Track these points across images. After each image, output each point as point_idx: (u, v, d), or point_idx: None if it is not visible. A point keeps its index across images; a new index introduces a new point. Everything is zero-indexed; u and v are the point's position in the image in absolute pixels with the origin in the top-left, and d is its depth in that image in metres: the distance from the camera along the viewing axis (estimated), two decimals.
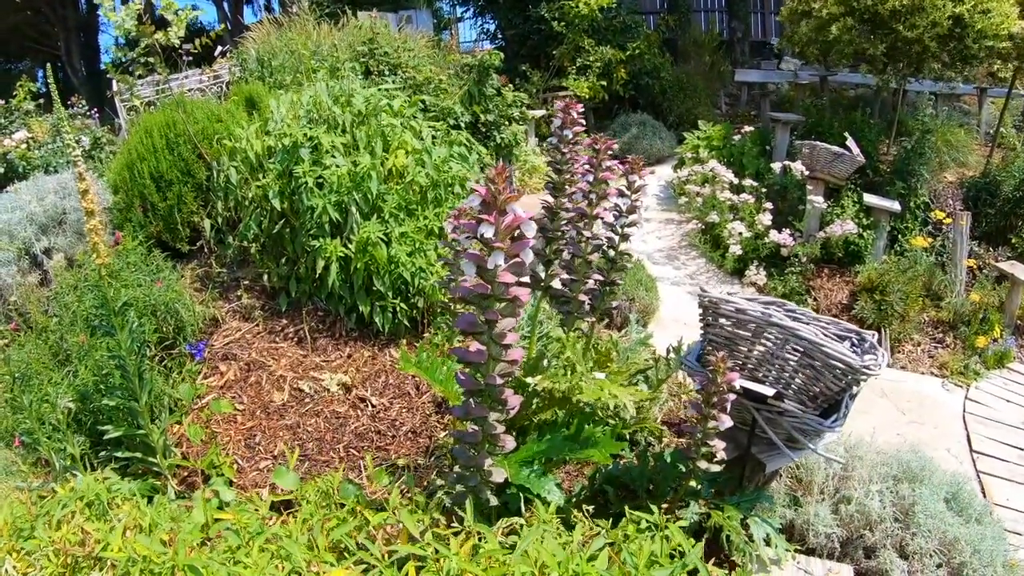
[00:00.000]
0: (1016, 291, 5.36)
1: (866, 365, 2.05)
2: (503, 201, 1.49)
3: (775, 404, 2.15)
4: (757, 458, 2.36)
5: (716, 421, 1.91)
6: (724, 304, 2.18)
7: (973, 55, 6.03)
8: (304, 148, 3.66)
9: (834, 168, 5.98)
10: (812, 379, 2.16)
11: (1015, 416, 4.60)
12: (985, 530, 2.55)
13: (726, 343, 2.27)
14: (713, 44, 10.71)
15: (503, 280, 1.52)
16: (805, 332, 2.08)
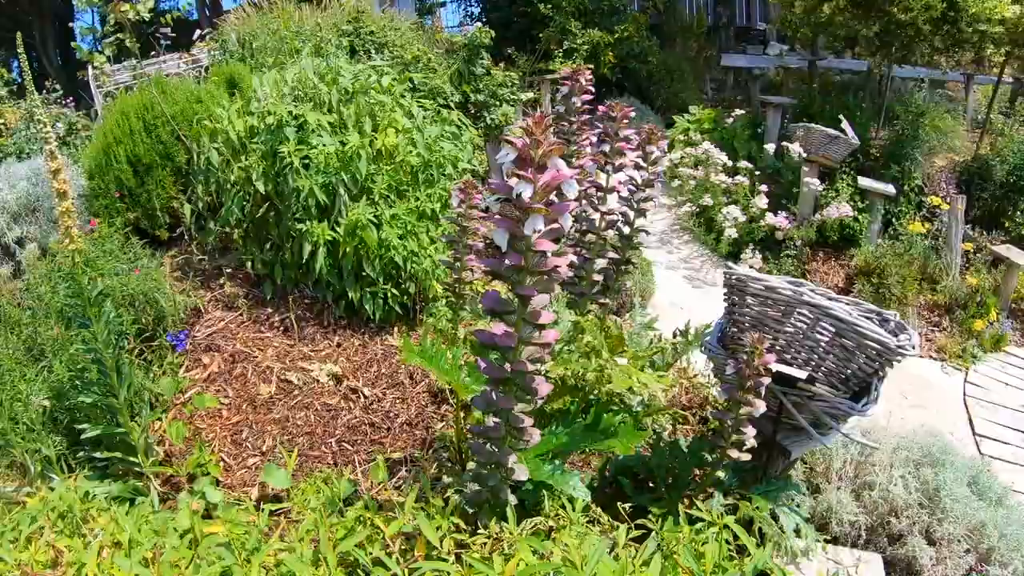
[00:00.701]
0: (1012, 274, 5.31)
1: (901, 345, 1.92)
2: (543, 155, 1.30)
3: (805, 388, 2.02)
4: (781, 445, 2.23)
5: (750, 407, 1.77)
6: (753, 282, 2.04)
7: (966, 39, 5.97)
8: (289, 127, 3.46)
9: (829, 151, 5.89)
10: (844, 361, 2.03)
11: (1015, 399, 4.56)
12: (1010, 514, 2.45)
13: (753, 324, 2.13)
14: (700, 29, 10.59)
15: (541, 248, 1.33)
16: (839, 311, 1.94)
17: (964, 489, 2.42)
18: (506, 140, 1.32)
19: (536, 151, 1.29)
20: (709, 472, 2.01)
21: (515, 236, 1.35)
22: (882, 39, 6.15)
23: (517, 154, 1.32)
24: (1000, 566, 2.30)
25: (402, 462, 3.01)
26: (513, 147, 1.33)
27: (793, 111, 7.50)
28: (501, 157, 1.31)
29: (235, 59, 4.77)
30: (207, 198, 3.77)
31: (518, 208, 1.32)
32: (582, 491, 1.62)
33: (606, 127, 2.02)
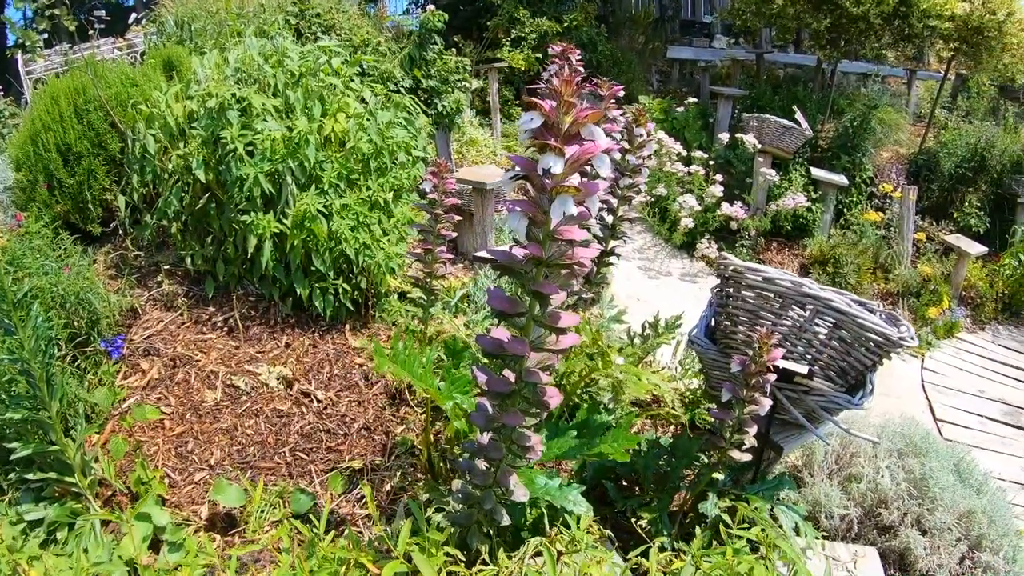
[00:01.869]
0: (962, 263, 5.43)
1: (902, 337, 1.84)
2: (575, 122, 1.10)
3: (802, 382, 1.91)
4: (773, 441, 2.13)
5: (756, 405, 1.65)
6: (751, 273, 1.92)
7: (916, 34, 6.07)
8: (232, 111, 3.20)
9: (783, 141, 5.90)
10: (842, 353, 1.93)
11: (970, 384, 4.64)
12: (996, 499, 2.42)
13: (749, 317, 2.01)
14: (647, 21, 10.58)
15: (568, 237, 1.13)
16: (840, 303, 1.85)
17: (951, 477, 2.38)
18: (531, 101, 1.10)
19: (565, 117, 1.09)
20: (705, 473, 1.89)
21: (534, 222, 1.15)
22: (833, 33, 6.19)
23: (544, 118, 1.11)
24: (991, 552, 2.27)
25: (362, 471, 2.81)
26: (540, 111, 1.11)
27: (743, 102, 7.53)
28: (524, 123, 1.11)
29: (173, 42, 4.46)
30: (143, 189, 3.48)
31: (538, 188, 1.12)
32: (583, 506, 1.47)
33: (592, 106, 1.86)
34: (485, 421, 1.30)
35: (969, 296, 5.79)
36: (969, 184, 6.73)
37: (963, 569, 2.27)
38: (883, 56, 6.87)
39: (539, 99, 1.10)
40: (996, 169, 6.75)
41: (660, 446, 2.25)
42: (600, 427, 1.82)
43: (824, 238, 5.74)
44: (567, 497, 1.48)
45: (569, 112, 1.10)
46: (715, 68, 9.51)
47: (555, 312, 1.21)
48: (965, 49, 6.79)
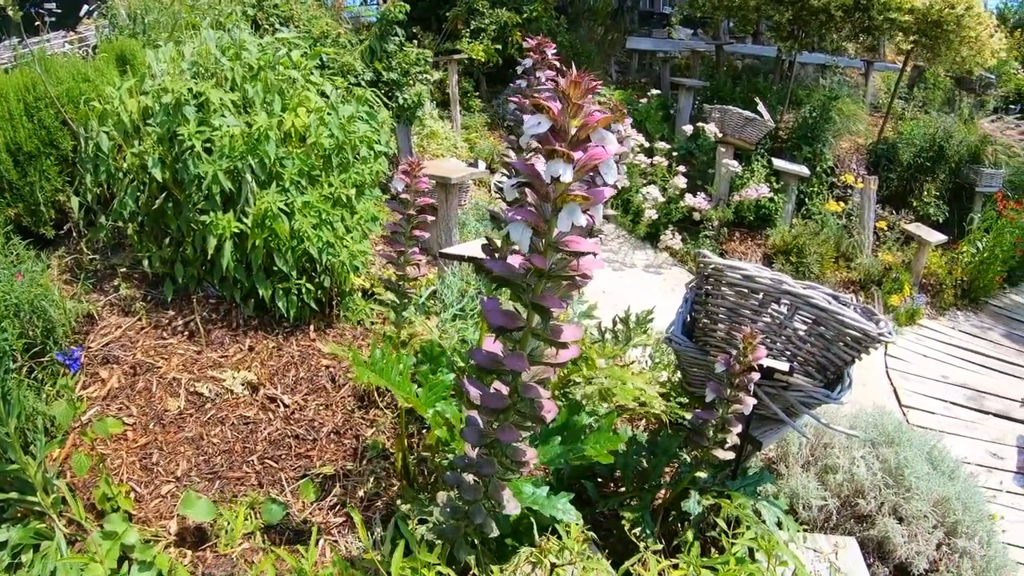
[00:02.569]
0: (923, 251, 5.56)
1: (882, 332, 1.86)
2: (584, 126, 1.06)
3: (782, 379, 1.92)
4: (752, 436, 2.14)
5: (740, 404, 1.65)
6: (731, 271, 1.92)
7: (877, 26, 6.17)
8: (189, 106, 3.09)
9: (745, 132, 5.96)
10: (822, 349, 1.95)
11: (933, 370, 4.76)
12: (968, 486, 2.48)
13: (728, 314, 2.01)
14: (607, 11, 10.60)
15: (574, 248, 1.10)
16: (819, 299, 1.86)
17: (925, 465, 2.43)
18: (537, 104, 1.05)
19: (573, 120, 1.05)
20: (687, 472, 1.89)
21: (536, 231, 1.10)
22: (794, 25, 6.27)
23: (552, 123, 1.06)
24: (967, 538, 2.33)
25: (334, 477, 2.75)
26: (548, 114, 1.06)
27: (704, 94, 7.59)
28: (531, 127, 1.06)
29: (125, 35, 4.30)
30: (97, 189, 3.34)
31: (542, 196, 1.08)
32: (573, 514, 1.45)
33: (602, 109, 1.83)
34: (478, 437, 1.25)
35: (929, 283, 5.96)
36: (928, 174, 6.92)
37: (940, 555, 2.33)
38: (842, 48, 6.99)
39: (546, 101, 1.05)
40: (954, 159, 6.96)
41: (639, 444, 2.24)
42: (582, 429, 1.80)
43: (787, 228, 5.83)
44: (556, 506, 1.45)
45: (577, 115, 1.06)
46: (674, 59, 9.58)
47: (557, 326, 1.16)
48: (924, 42, 6.95)
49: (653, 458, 2.15)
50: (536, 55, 1.91)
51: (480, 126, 7.96)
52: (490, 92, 8.76)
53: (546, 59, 1.91)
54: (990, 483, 3.67)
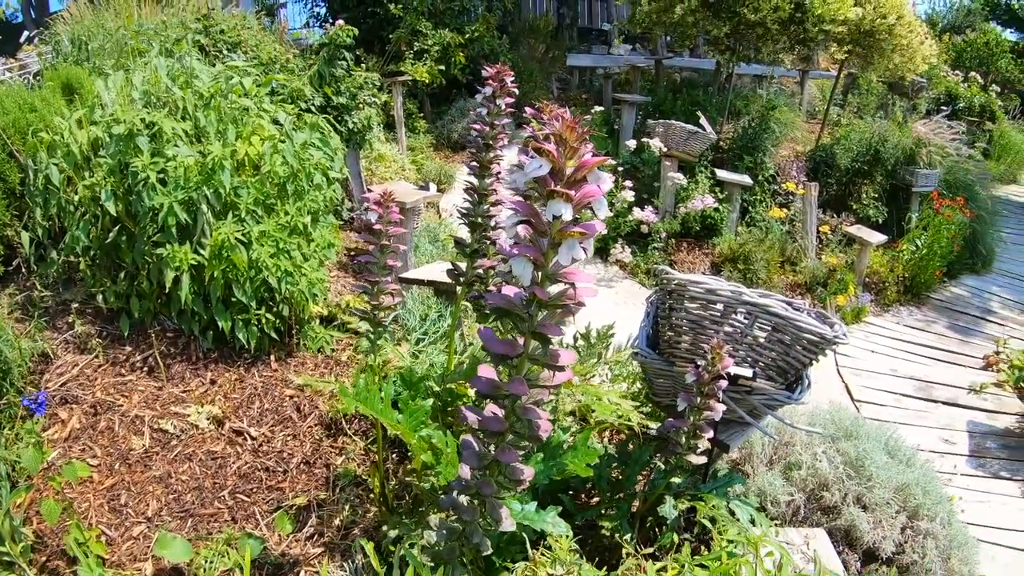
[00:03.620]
0: (865, 252, 5.84)
1: (837, 335, 1.99)
2: (580, 168, 1.14)
3: (745, 383, 2.03)
4: (719, 440, 2.24)
5: (710, 411, 1.75)
6: (693, 286, 2.03)
7: (811, 38, 6.47)
8: (142, 136, 3.09)
9: (688, 145, 6.17)
10: (781, 354, 2.07)
11: (882, 364, 5.01)
12: (926, 471, 2.64)
13: (692, 327, 2.12)
14: (547, 29, 10.82)
15: (571, 280, 1.18)
16: (777, 307, 1.98)
17: (883, 455, 2.58)
18: (539, 148, 1.13)
19: (570, 162, 1.13)
20: (662, 479, 1.98)
21: (537, 265, 1.18)
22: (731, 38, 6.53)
23: (552, 165, 1.15)
24: (928, 520, 2.49)
25: (308, 507, 2.76)
26: (549, 158, 1.15)
27: (646, 108, 7.82)
28: (532, 170, 1.13)
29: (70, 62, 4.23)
30: (47, 223, 3.29)
31: (539, 231, 1.15)
32: (563, 527, 1.52)
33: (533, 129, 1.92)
34: (477, 460, 1.31)
35: (872, 282, 6.24)
36: (866, 177, 7.26)
37: (905, 538, 2.48)
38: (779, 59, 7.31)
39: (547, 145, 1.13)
40: (890, 162, 7.31)
41: (612, 456, 2.33)
42: (560, 445, 1.87)
43: (733, 236, 6.05)
44: (546, 520, 1.52)
45: (573, 157, 1.14)
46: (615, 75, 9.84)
47: (555, 351, 1.24)
48: (858, 51, 7.31)
49: (626, 468, 2.24)
50: (496, 83, 2.00)
51: (426, 147, 8.03)
52: (434, 113, 8.85)
53: (505, 87, 2.00)
54: (944, 467, 3.90)
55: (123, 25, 4.43)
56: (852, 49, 7.45)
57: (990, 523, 3.49)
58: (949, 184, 7.41)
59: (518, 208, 1.18)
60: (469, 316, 3.11)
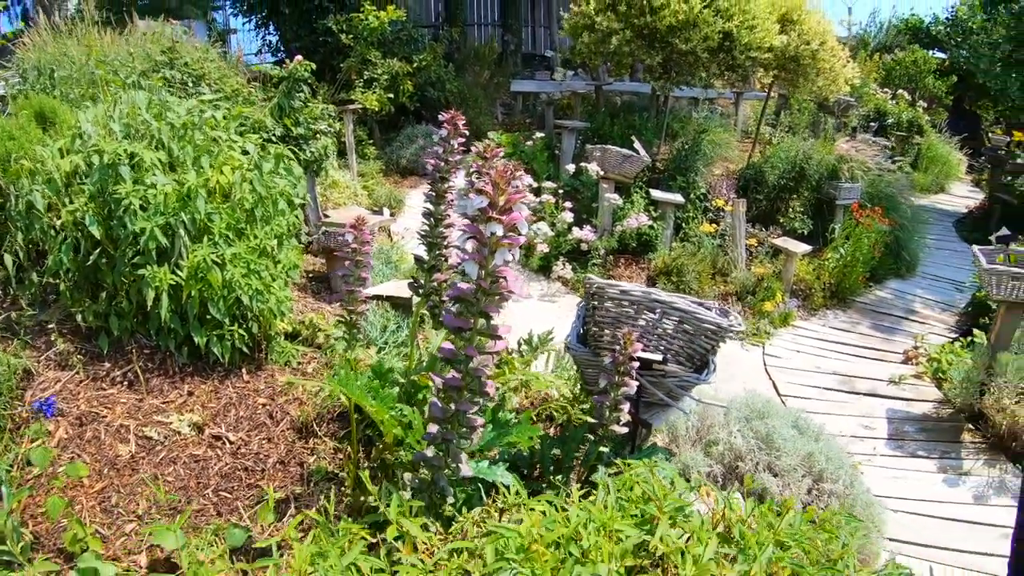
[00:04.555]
0: (791, 262, 6.43)
1: (732, 325, 2.47)
2: (508, 201, 1.63)
3: (660, 368, 2.50)
4: (643, 419, 2.70)
5: (626, 387, 2.20)
6: (610, 288, 2.50)
7: (739, 64, 7.11)
8: (124, 166, 3.44)
9: (624, 168, 6.72)
10: (688, 342, 2.54)
11: (807, 362, 5.57)
12: (830, 443, 3.15)
13: (612, 322, 2.59)
14: (492, 57, 11.37)
15: (503, 275, 1.67)
16: (681, 303, 2.45)
17: (790, 431, 3.08)
18: (479, 190, 1.62)
19: (501, 197, 1.61)
20: (593, 449, 2.42)
21: (482, 266, 1.67)
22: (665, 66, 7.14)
23: (489, 200, 1.63)
24: (831, 482, 2.98)
25: (287, 500, 3.12)
26: (487, 195, 1.64)
27: (586, 133, 8.38)
28: (475, 203, 1.61)
29: (36, 90, 4.51)
30: (28, 247, 3.59)
31: (482, 243, 1.63)
32: (509, 479, 1.94)
33: (478, 165, 2.37)
34: (442, 413, 1.76)
35: (800, 289, 6.84)
36: (792, 192, 7.91)
37: (812, 498, 2.95)
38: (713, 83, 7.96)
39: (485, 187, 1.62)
40: (815, 177, 7.96)
41: (552, 438, 2.77)
42: (507, 422, 2.30)
43: (667, 251, 6.60)
44: (496, 473, 1.94)
45: (504, 194, 1.61)
46: (557, 100, 10.42)
47: (495, 325, 1.71)
48: (784, 75, 8.01)
49: (564, 447, 2.67)
50: (450, 126, 2.45)
51: (376, 173, 8.43)
52: (383, 139, 9.27)
53: (458, 128, 2.44)
54: (864, 449, 4.44)
55: (91, 55, 4.71)
56: (778, 74, 8.16)
57: (905, 496, 3.98)
58: (872, 196, 8.01)
59: (467, 229, 1.67)
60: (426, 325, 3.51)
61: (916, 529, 3.66)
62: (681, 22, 6.71)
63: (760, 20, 7.18)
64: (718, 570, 1.18)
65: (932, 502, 3.96)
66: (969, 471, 4.31)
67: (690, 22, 6.75)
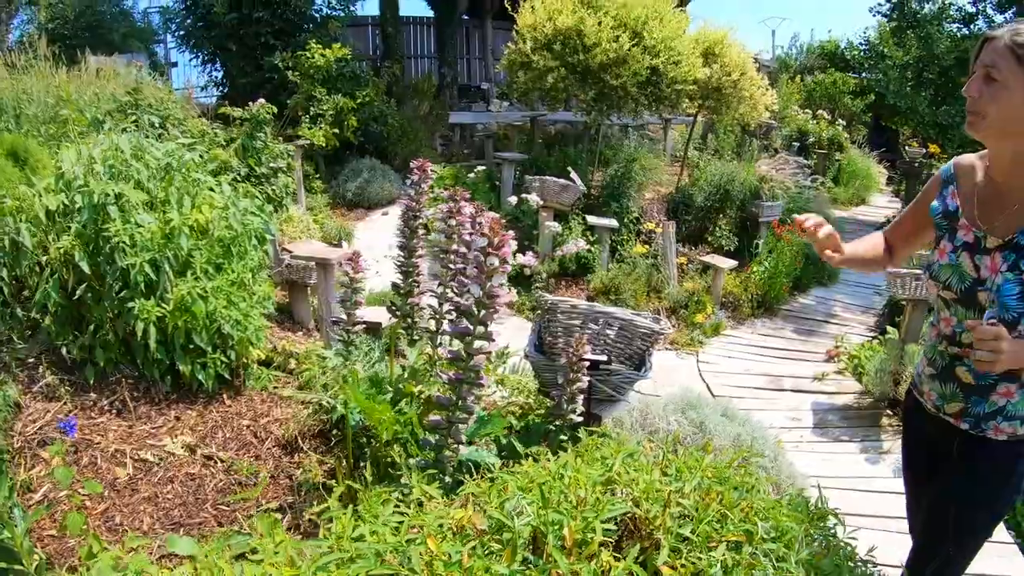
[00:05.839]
0: (719, 276, 7.13)
1: (662, 328, 3.03)
2: (501, 240, 2.17)
3: (605, 368, 3.03)
4: (594, 413, 3.23)
5: (579, 382, 2.73)
6: (561, 303, 3.04)
7: (666, 97, 7.85)
8: (112, 205, 3.74)
9: (562, 197, 7.35)
10: (627, 345, 3.09)
11: (738, 366, 6.23)
12: (755, 426, 3.74)
13: (563, 332, 3.12)
14: (431, 90, 11.93)
15: (497, 294, 2.19)
16: (620, 313, 3.00)
17: (720, 418, 3.65)
18: (483, 234, 2.16)
19: (496, 238, 2.14)
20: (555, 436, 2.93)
21: (483, 287, 2.19)
22: (597, 100, 7.82)
23: (487, 240, 2.17)
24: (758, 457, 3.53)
25: (281, 509, 3.47)
26: (487, 236, 2.18)
27: (524, 164, 9.00)
28: (479, 243, 2.16)
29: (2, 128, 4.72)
30: (13, 282, 3.82)
31: (480, 270, 2.16)
32: (495, 459, 2.44)
33: (450, 206, 2.89)
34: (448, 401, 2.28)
35: (729, 300, 7.52)
36: (718, 212, 8.67)
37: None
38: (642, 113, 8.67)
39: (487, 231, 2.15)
40: (739, 198, 8.71)
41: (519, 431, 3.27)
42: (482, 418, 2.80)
43: (604, 272, 7.20)
44: (483, 455, 2.43)
45: (497, 235, 2.14)
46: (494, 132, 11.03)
47: (491, 331, 2.23)
48: (708, 104, 8.80)
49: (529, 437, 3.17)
50: (419, 172, 2.96)
51: (323, 206, 8.77)
52: (328, 173, 9.64)
53: (426, 174, 2.96)
54: (793, 438, 5.00)
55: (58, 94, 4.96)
56: (703, 103, 8.96)
57: (832, 475, 4.51)
58: (793, 212, 8.68)
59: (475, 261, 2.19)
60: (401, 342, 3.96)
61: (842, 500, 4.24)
62: (612, 59, 7.40)
63: (685, 55, 7.95)
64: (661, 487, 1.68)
65: (856, 478, 4.53)
66: (889, 450, 4.90)
67: (620, 59, 7.44)
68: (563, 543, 1.51)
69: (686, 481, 1.73)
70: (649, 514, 1.63)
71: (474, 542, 1.52)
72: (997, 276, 1.89)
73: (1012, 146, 1.87)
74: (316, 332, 5.64)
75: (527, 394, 4.30)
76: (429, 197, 3.12)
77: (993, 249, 1.92)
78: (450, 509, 1.68)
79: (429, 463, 2.36)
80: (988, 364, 1.71)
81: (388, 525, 1.64)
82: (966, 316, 1.99)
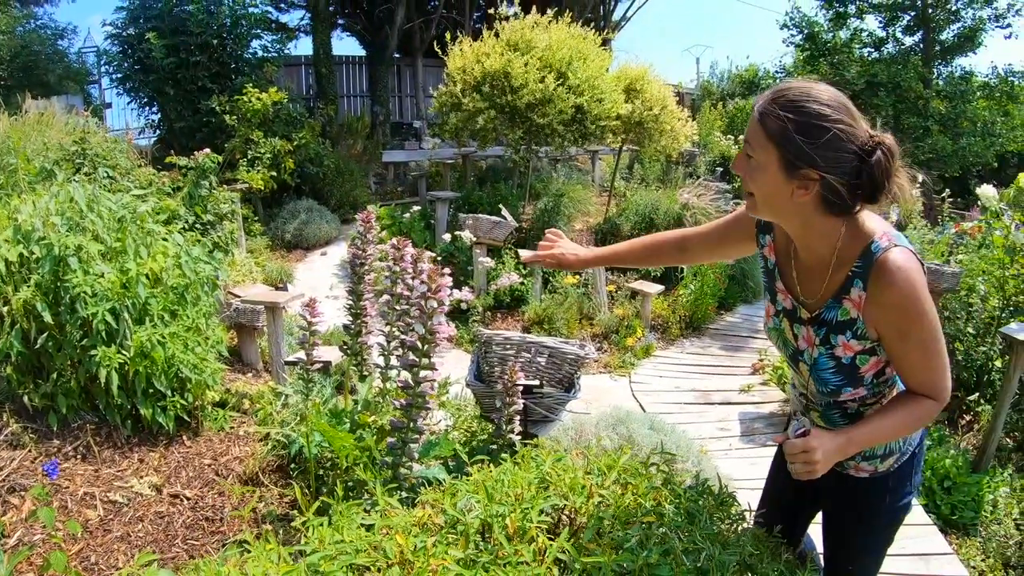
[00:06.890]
0: (647, 301, 7.68)
1: (587, 354, 3.50)
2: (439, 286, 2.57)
3: (538, 392, 3.48)
4: (531, 432, 3.67)
5: (515, 404, 3.17)
6: (496, 336, 3.49)
7: (591, 133, 8.43)
8: (73, 257, 3.95)
9: (494, 233, 7.82)
10: (557, 369, 3.54)
11: (668, 384, 6.73)
12: (680, 436, 4.21)
13: (499, 361, 3.56)
14: (365, 131, 12.30)
15: (439, 330, 2.58)
16: (549, 342, 3.46)
17: (647, 431, 4.11)
18: (423, 280, 2.55)
19: (434, 283, 2.55)
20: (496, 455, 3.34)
21: (424, 326, 2.57)
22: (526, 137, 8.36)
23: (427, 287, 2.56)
24: (682, 462, 4.00)
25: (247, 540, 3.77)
26: (424, 284, 2.57)
27: (458, 202, 9.44)
28: (420, 288, 2.54)
29: None
30: None
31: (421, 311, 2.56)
32: (445, 474, 2.84)
33: (392, 253, 3.30)
34: (401, 424, 2.65)
35: (658, 323, 8.04)
36: None
37: None
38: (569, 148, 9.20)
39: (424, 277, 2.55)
40: (663, 225, 9.25)
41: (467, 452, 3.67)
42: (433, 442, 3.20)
43: (538, 303, 7.60)
44: (434, 472, 2.83)
45: (434, 281, 2.54)
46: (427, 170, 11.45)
47: (434, 362, 2.62)
48: (631, 137, 9.40)
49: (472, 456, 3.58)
50: (365, 223, 3.37)
51: (263, 248, 8.99)
52: (267, 215, 9.90)
53: (372, 226, 3.37)
54: (722, 447, 5.43)
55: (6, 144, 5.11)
56: (626, 136, 9.59)
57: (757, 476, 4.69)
58: None
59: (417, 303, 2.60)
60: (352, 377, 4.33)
61: None
62: (538, 99, 7.95)
63: (607, 93, 8.56)
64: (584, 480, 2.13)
65: None
66: None
67: (546, 99, 8.00)
68: (507, 531, 1.93)
69: (605, 477, 2.18)
70: (576, 504, 2.07)
71: (435, 535, 1.93)
72: (813, 350, 1.82)
73: (792, 224, 1.72)
74: (266, 373, 5.91)
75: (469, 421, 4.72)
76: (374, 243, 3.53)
77: (807, 321, 1.83)
78: (412, 511, 2.09)
79: (388, 480, 2.75)
80: (806, 474, 1.62)
81: (361, 528, 2.04)
82: (798, 378, 2.00)
